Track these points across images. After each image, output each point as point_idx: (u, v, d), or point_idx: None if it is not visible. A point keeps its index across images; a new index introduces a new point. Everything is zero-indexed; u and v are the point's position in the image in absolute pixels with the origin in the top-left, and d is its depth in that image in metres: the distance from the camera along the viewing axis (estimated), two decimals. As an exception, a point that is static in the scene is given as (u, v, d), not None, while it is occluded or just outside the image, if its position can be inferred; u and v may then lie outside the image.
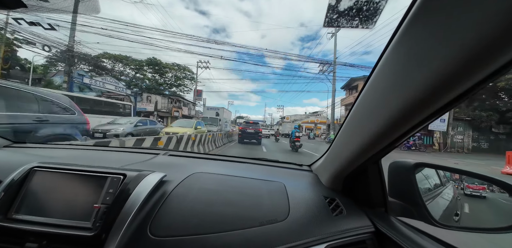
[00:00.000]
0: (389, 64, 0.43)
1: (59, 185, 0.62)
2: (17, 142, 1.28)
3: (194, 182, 0.75)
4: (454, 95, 0.34)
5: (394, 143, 0.51)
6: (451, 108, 0.37)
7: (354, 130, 0.61)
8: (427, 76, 0.34)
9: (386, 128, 0.46)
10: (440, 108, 0.37)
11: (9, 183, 0.61)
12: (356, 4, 0.35)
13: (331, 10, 0.36)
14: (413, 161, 0.74)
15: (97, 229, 0.52)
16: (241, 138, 13.73)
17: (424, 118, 0.40)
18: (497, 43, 0.26)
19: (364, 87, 0.54)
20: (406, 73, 0.38)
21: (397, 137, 0.48)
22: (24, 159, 0.81)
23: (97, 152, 1.21)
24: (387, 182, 0.76)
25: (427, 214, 0.68)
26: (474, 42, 0.27)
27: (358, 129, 0.58)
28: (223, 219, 0.60)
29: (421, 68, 0.35)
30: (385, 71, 0.45)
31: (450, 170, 0.85)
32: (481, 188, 0.82)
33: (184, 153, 1.24)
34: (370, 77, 0.50)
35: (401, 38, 0.39)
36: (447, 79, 0.32)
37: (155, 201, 0.62)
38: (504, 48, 0.26)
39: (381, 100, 0.46)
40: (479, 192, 0.95)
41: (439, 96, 0.35)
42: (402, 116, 0.42)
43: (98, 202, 0.57)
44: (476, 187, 0.89)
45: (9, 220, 0.56)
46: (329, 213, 0.67)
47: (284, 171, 1.01)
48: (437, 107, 0.37)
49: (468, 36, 0.27)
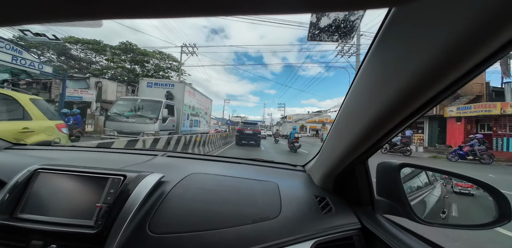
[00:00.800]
0: (368, 73, 0.47)
1: (62, 185, 0.65)
2: (17, 144, 1.32)
3: (191, 182, 0.78)
4: (423, 101, 0.38)
5: (376, 144, 0.54)
6: (423, 112, 0.41)
7: (341, 132, 0.65)
8: (398, 84, 0.38)
9: (367, 130, 0.50)
10: (412, 113, 0.41)
11: (14, 184, 0.64)
12: (334, 22, 0.39)
13: (313, 27, 0.40)
14: (398, 161, 0.78)
15: (99, 227, 0.56)
16: (239, 139, 13.23)
17: (399, 122, 0.44)
18: (457, 52, 0.29)
19: (348, 92, 0.58)
20: (381, 81, 0.42)
21: (378, 139, 0.52)
22: (27, 161, 0.84)
23: (97, 154, 1.25)
24: (375, 181, 0.80)
25: (411, 212, 0.71)
26: (438, 53, 0.31)
27: (344, 132, 0.62)
28: (219, 216, 0.64)
29: (393, 77, 0.39)
30: (364, 80, 0.49)
31: (433, 170, 0.90)
32: (470, 185, 0.85)
33: (182, 154, 1.27)
34: (352, 83, 0.55)
35: (377, 48, 0.43)
36: (416, 87, 0.36)
37: (154, 200, 0.65)
38: (466, 56, 0.29)
39: (362, 106, 0.50)
40: (467, 190, 0.99)
41: (410, 102, 0.39)
42: (380, 120, 0.46)
43: (99, 201, 0.61)
44: (464, 185, 0.92)
45: (15, 219, 0.59)
46: (319, 211, 0.71)
47: (279, 171, 1.05)
48: (409, 112, 0.41)
49: (432, 48, 0.31)
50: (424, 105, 0.39)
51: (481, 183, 0.71)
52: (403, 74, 0.36)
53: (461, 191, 1.20)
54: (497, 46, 0.27)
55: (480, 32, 0.26)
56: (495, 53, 0.28)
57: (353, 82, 0.56)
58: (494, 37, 0.26)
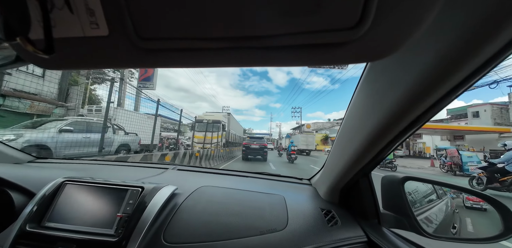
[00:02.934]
0: (362, 94, 0.52)
1: (86, 196, 0.71)
2: (39, 158, 1.41)
3: (201, 194, 0.82)
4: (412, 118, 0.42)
5: (376, 157, 0.57)
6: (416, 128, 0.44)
7: (343, 146, 0.68)
8: (388, 104, 0.42)
9: (366, 144, 0.54)
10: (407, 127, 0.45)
11: (42, 195, 0.70)
12: None
13: None
14: (402, 174, 0.79)
15: (119, 236, 0.60)
16: (245, 154, 12.91)
17: (394, 137, 0.48)
18: (430, 85, 0.34)
19: (348, 108, 0.62)
20: (374, 102, 0.47)
21: (377, 152, 0.55)
22: (51, 173, 0.91)
23: (114, 167, 1.31)
24: (381, 195, 0.81)
25: (417, 226, 0.72)
26: (424, 76, 0.35)
27: (346, 146, 0.65)
28: (228, 228, 0.67)
29: (383, 99, 0.43)
30: (361, 98, 0.53)
31: (439, 184, 0.90)
32: (481, 200, 0.84)
33: (191, 168, 1.32)
34: (351, 101, 0.59)
35: (366, 76, 0.49)
36: (405, 106, 0.40)
37: (168, 211, 0.70)
38: (448, 77, 0.33)
39: (359, 123, 0.54)
40: (479, 204, 0.97)
41: (401, 120, 0.43)
42: (376, 135, 0.49)
43: (120, 211, 0.66)
44: (476, 199, 0.90)
45: (43, 228, 0.65)
46: (325, 223, 0.72)
47: (285, 185, 1.07)
48: (401, 128, 0.45)
49: (417, 72, 0.36)
50: (414, 122, 0.42)
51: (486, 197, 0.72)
52: (389, 97, 0.41)
53: (473, 205, 1.17)
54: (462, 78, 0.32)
55: (441, 73, 0.32)
56: (463, 82, 0.33)
57: (351, 101, 0.60)
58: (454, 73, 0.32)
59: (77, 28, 0.21)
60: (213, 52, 0.22)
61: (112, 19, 0.21)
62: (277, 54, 0.21)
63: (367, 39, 0.19)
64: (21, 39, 0.19)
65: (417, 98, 0.37)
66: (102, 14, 0.21)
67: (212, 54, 0.22)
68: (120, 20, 0.21)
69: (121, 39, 0.22)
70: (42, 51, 0.20)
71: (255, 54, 0.21)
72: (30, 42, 0.20)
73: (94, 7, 0.20)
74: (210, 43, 0.21)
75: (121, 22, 0.21)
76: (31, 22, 0.20)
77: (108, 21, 0.21)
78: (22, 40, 0.19)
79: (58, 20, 0.21)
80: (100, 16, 0.21)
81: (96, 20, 0.21)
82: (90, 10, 0.21)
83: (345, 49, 0.20)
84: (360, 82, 0.51)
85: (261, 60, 0.22)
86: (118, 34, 0.21)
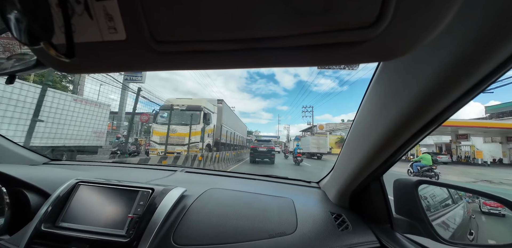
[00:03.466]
0: (374, 95, 0.51)
1: (98, 197, 0.72)
2: (54, 159, 1.46)
3: (209, 197, 0.83)
4: (427, 119, 0.40)
5: (388, 160, 0.56)
6: (428, 131, 0.43)
7: (353, 149, 0.67)
8: (401, 105, 0.41)
9: (377, 147, 0.52)
10: (420, 130, 0.43)
11: (57, 196, 0.72)
12: None
13: None
14: (416, 178, 0.77)
15: (130, 236, 0.61)
16: (253, 157, 12.65)
17: (407, 140, 0.47)
18: (457, 72, 0.32)
19: (358, 110, 0.61)
20: (385, 104, 0.46)
21: (389, 155, 0.53)
22: (65, 175, 0.94)
23: (124, 169, 1.34)
24: (393, 199, 0.79)
25: (432, 231, 0.69)
26: (440, 76, 0.34)
27: (356, 149, 0.64)
28: (237, 231, 0.67)
29: (396, 100, 0.42)
30: (372, 100, 0.52)
31: (455, 187, 0.86)
32: (500, 205, 0.79)
33: (199, 170, 1.33)
34: (361, 103, 0.58)
35: (379, 76, 0.47)
36: (415, 109, 0.39)
37: (177, 213, 0.70)
38: (465, 76, 0.32)
39: (371, 124, 0.53)
40: (497, 209, 0.91)
41: (415, 121, 0.41)
42: (388, 138, 0.48)
43: (131, 212, 0.67)
44: (493, 204, 0.86)
45: (57, 228, 0.66)
46: (335, 228, 0.71)
47: (293, 188, 1.06)
48: (413, 132, 0.43)
49: (433, 72, 0.34)
50: (427, 125, 0.41)
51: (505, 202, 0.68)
52: (403, 97, 0.40)
53: (490, 211, 1.10)
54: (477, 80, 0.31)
55: (458, 73, 0.31)
56: (478, 84, 0.32)
57: (362, 102, 0.59)
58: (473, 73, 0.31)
59: (96, 33, 0.22)
60: (226, 54, 0.22)
61: (130, 24, 0.22)
62: (291, 55, 0.21)
63: (384, 38, 0.19)
64: (45, 44, 0.20)
65: (433, 98, 0.35)
66: (120, 19, 0.21)
67: (225, 56, 0.22)
68: (137, 25, 0.21)
69: (138, 43, 0.22)
70: (64, 55, 0.21)
71: (268, 55, 0.21)
72: (53, 46, 0.20)
73: (113, 12, 0.21)
74: (224, 45, 0.21)
75: (138, 27, 0.21)
76: (54, 28, 0.20)
77: (126, 26, 0.22)
78: (45, 44, 0.20)
79: (78, 26, 0.22)
80: (118, 21, 0.21)
81: (114, 25, 0.22)
82: (109, 16, 0.21)
83: (361, 48, 0.19)
84: (372, 83, 0.50)
85: (274, 61, 0.22)
86: (135, 38, 0.22)
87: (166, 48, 0.22)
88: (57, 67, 0.27)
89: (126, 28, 0.22)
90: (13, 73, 0.39)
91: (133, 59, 0.24)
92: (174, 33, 0.21)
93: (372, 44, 0.19)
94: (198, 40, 0.21)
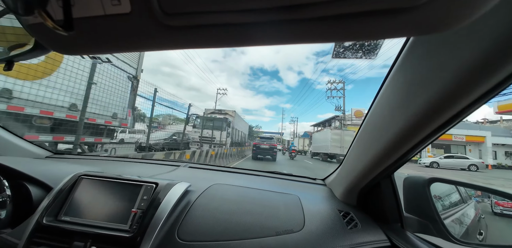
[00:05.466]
0: (393, 86, 0.48)
1: (101, 191, 0.71)
2: (57, 153, 1.45)
3: (214, 192, 0.81)
4: (451, 114, 0.37)
5: (403, 157, 0.53)
6: (452, 125, 0.40)
7: (365, 146, 0.64)
8: (426, 97, 0.38)
9: (393, 143, 0.50)
10: (441, 126, 0.41)
11: (59, 190, 0.71)
12: None
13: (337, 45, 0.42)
14: (427, 176, 0.74)
15: (134, 232, 0.59)
16: (255, 153, 13.20)
17: (427, 135, 0.44)
18: (483, 69, 0.30)
19: (372, 104, 0.58)
20: (407, 95, 0.43)
21: (404, 152, 0.51)
22: (68, 169, 0.93)
23: (127, 163, 1.33)
24: (403, 197, 0.76)
25: (444, 231, 0.67)
26: (463, 70, 0.31)
27: (368, 144, 0.61)
28: (242, 227, 0.65)
29: (420, 91, 0.39)
30: (390, 93, 0.49)
31: (469, 186, 0.84)
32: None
33: (203, 166, 1.31)
34: (377, 96, 0.55)
35: (401, 65, 0.44)
36: (439, 104, 0.36)
37: (181, 208, 0.68)
38: (488, 73, 0.30)
39: (388, 118, 0.50)
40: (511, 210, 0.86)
41: (438, 115, 0.39)
42: (407, 133, 0.45)
43: (134, 207, 0.65)
44: (506, 204, 0.82)
45: (59, 221, 0.65)
46: (344, 226, 0.69)
47: (298, 185, 1.04)
48: (437, 125, 0.41)
49: (456, 65, 0.32)
50: (448, 121, 0.38)
51: None
52: (428, 91, 0.37)
53: (503, 212, 1.02)
54: (503, 76, 0.29)
55: (487, 63, 0.28)
56: (502, 82, 0.30)
57: (377, 96, 0.56)
58: (500, 67, 0.28)
59: (97, 5, 0.20)
60: (246, 27, 0.19)
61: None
62: (320, 27, 0.18)
63: (430, 7, 0.16)
64: (39, 12, 0.18)
65: (463, 88, 0.32)
66: None
67: (245, 29, 0.19)
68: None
69: (144, 16, 0.20)
70: (61, 27, 0.19)
71: (297, 27, 0.18)
72: (48, 16, 0.18)
73: None
74: (244, 17, 0.18)
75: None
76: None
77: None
78: (40, 13, 0.18)
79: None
80: None
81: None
82: None
83: (404, 18, 0.17)
84: (393, 71, 0.47)
85: (303, 35, 0.19)
86: (141, 10, 0.19)
87: (177, 22, 0.19)
88: (56, 47, 0.24)
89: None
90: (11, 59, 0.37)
91: (139, 35, 0.22)
92: (186, 4, 0.18)
93: (418, 13, 0.16)
94: (214, 11, 0.18)
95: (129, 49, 0.24)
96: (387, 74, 0.51)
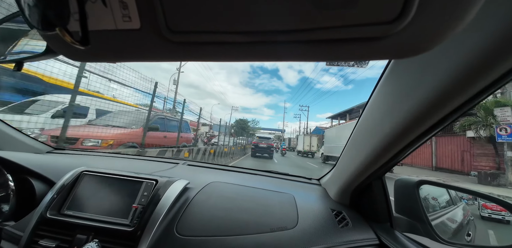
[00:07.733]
0: (382, 94, 0.51)
1: (103, 186, 0.73)
2: (58, 148, 1.47)
3: (212, 190, 0.83)
4: (434, 121, 0.40)
5: (392, 160, 0.56)
6: (435, 131, 0.43)
7: (357, 148, 0.67)
8: (409, 106, 0.41)
9: (382, 146, 0.53)
10: (425, 131, 0.43)
11: (62, 184, 0.73)
12: None
13: None
14: (417, 178, 0.77)
15: (134, 226, 0.62)
16: (254, 152, 14.34)
17: (412, 140, 0.47)
18: (456, 84, 0.33)
19: (365, 107, 0.61)
20: (393, 103, 0.46)
21: (392, 155, 0.54)
22: (70, 163, 0.95)
23: (128, 159, 1.35)
24: (393, 198, 0.79)
25: (432, 231, 0.70)
26: (447, 80, 0.34)
27: (360, 147, 0.64)
28: (239, 224, 0.68)
29: (404, 100, 0.42)
30: (380, 98, 0.52)
31: (456, 188, 0.87)
32: (502, 209, 0.76)
33: (201, 164, 1.34)
34: (369, 100, 0.58)
35: (389, 73, 0.47)
36: (424, 110, 0.39)
37: (180, 204, 0.71)
38: (461, 89, 0.33)
39: (378, 123, 0.53)
40: (500, 214, 0.83)
41: (420, 123, 0.41)
42: (394, 138, 0.48)
43: (135, 202, 0.68)
44: (495, 207, 0.82)
45: (62, 215, 0.67)
46: (335, 224, 0.72)
47: (294, 184, 1.07)
48: (420, 132, 0.44)
49: (440, 76, 0.35)
50: (435, 125, 0.41)
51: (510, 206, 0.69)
52: (412, 98, 0.40)
53: (491, 216, 1.03)
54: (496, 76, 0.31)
55: (471, 74, 0.31)
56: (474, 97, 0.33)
57: (369, 100, 0.59)
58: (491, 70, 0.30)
59: (109, 21, 0.22)
60: (241, 46, 0.22)
61: (144, 12, 0.21)
62: (306, 48, 0.21)
63: (405, 34, 0.18)
64: (60, 30, 0.20)
65: (445, 97, 0.35)
66: (134, 7, 0.21)
67: (239, 48, 0.22)
68: (152, 13, 0.21)
69: (152, 32, 0.22)
70: (78, 42, 0.21)
71: (284, 48, 0.21)
72: (68, 33, 0.20)
73: (127, 0, 0.21)
74: (238, 37, 0.21)
75: (153, 16, 0.21)
76: (69, 14, 0.20)
77: (140, 14, 0.21)
78: (61, 31, 0.20)
79: (91, 13, 0.22)
80: (133, 9, 0.21)
81: (128, 13, 0.21)
82: (123, 3, 0.21)
83: (380, 44, 0.19)
84: (381, 81, 0.50)
85: (289, 54, 0.21)
86: (149, 27, 0.22)
87: (181, 38, 0.22)
88: (68, 55, 0.27)
89: (141, 17, 0.22)
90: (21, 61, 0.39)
91: (147, 48, 0.24)
92: (190, 24, 0.21)
93: (393, 40, 0.19)
94: (213, 31, 0.21)
95: (137, 60, 0.27)
96: (378, 79, 0.54)
